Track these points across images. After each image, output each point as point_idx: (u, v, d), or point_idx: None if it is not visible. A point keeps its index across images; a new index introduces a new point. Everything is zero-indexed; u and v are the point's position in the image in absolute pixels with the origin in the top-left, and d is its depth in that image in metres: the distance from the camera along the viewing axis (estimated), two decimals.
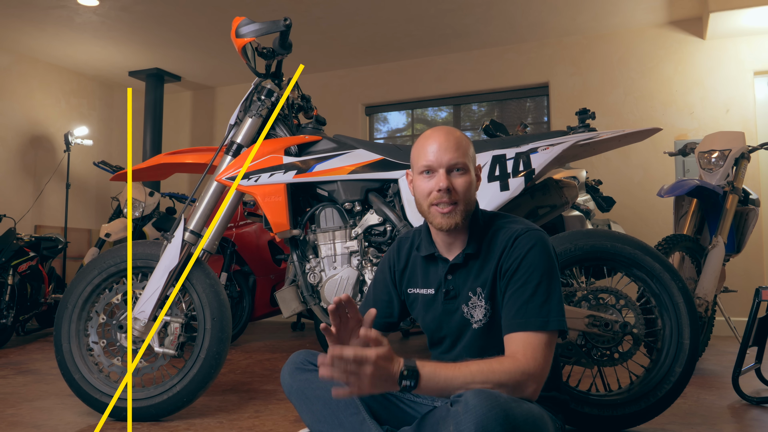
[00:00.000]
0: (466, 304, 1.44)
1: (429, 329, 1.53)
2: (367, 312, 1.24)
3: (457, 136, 1.42)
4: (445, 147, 1.39)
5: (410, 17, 5.02)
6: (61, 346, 2.25)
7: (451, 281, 1.46)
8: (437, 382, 1.20)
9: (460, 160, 1.39)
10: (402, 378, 1.18)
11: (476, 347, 1.43)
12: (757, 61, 4.87)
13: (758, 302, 2.47)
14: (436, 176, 1.40)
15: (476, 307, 1.42)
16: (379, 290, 1.61)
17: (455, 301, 1.45)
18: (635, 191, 5.12)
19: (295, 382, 1.49)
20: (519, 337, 1.30)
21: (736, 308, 4.64)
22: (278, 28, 2.18)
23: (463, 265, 1.45)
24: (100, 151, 6.62)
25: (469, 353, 1.44)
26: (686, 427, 2.04)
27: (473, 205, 1.43)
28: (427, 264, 1.52)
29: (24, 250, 4.23)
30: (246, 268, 4.31)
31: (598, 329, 1.97)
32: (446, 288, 1.46)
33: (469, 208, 1.42)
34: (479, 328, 1.42)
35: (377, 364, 1.14)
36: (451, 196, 1.38)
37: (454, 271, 1.46)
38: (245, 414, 2.24)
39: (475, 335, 1.43)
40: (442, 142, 1.40)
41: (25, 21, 5.05)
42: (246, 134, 2.30)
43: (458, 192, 1.39)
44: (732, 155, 3.31)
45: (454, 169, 1.39)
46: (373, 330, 1.18)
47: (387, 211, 2.17)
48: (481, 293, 1.42)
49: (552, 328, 1.30)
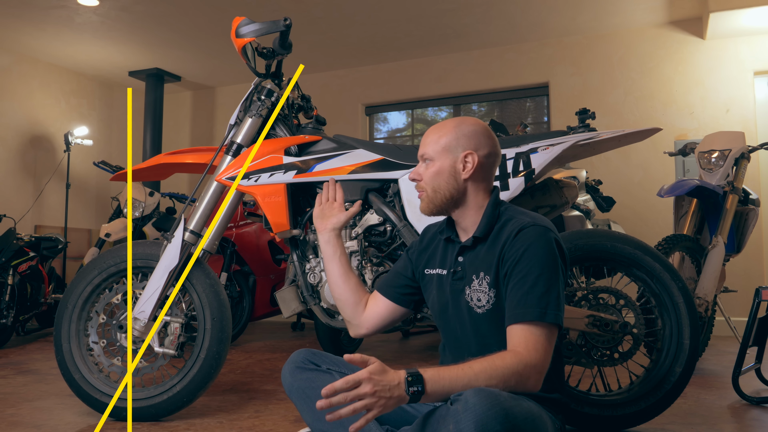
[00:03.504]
0: (469, 286, 1.46)
1: (435, 310, 1.56)
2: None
3: (441, 128, 1.53)
4: (424, 140, 1.54)
5: (410, 17, 5.02)
6: (61, 346, 2.25)
7: (460, 262, 1.50)
8: (443, 385, 1.21)
9: (427, 151, 1.51)
10: (408, 385, 1.18)
11: (480, 333, 1.45)
12: (757, 61, 4.88)
13: (758, 302, 2.47)
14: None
15: (478, 291, 1.44)
16: (400, 265, 1.68)
17: (461, 282, 1.48)
18: (635, 191, 5.12)
19: (296, 381, 1.50)
20: (519, 329, 1.32)
21: (736, 308, 4.65)
22: (278, 28, 2.18)
23: (471, 248, 1.49)
24: (100, 151, 6.62)
25: (474, 339, 1.46)
26: (686, 427, 2.04)
27: (447, 191, 1.49)
28: (447, 246, 1.58)
29: (24, 250, 4.23)
30: (246, 268, 4.31)
31: (598, 329, 1.97)
32: (454, 268, 1.50)
33: (439, 195, 1.50)
34: (483, 314, 1.43)
35: (373, 380, 1.16)
36: (419, 184, 1.53)
37: (463, 252, 1.50)
38: (245, 414, 2.24)
39: (478, 321, 1.44)
40: (424, 136, 1.54)
41: (25, 21, 5.05)
42: (246, 134, 2.30)
43: (423, 181, 1.52)
44: (732, 155, 3.31)
45: (423, 160, 1.53)
46: (355, 354, 1.21)
47: (387, 211, 2.17)
48: (483, 277, 1.44)
49: (549, 321, 1.32)
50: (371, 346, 4.14)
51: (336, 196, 1.76)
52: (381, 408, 1.16)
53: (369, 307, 1.67)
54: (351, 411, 1.14)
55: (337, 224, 1.70)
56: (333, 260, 1.68)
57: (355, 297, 1.66)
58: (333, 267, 1.68)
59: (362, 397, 1.15)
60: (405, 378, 1.19)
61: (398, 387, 1.18)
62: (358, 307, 1.66)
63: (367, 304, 1.67)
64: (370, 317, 1.66)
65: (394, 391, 1.17)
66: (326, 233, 1.71)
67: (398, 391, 1.18)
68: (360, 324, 1.67)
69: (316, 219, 1.74)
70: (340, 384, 1.15)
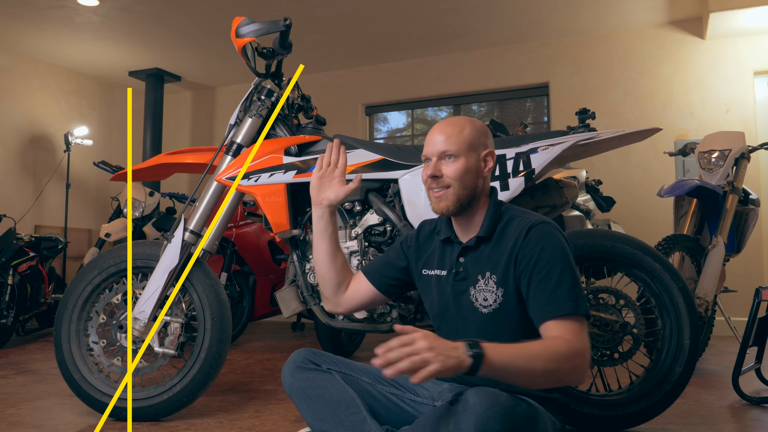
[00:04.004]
0: (473, 286, 1.45)
1: (433, 311, 1.55)
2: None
3: (456, 124, 1.48)
4: (439, 137, 1.47)
5: (410, 17, 5.02)
6: (61, 346, 2.25)
7: (462, 263, 1.49)
8: (502, 357, 1.16)
9: (451, 148, 1.46)
10: (469, 347, 1.13)
11: (483, 334, 1.43)
12: (757, 61, 4.88)
13: (758, 302, 2.47)
14: (430, 164, 1.49)
15: (483, 291, 1.44)
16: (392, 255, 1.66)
17: (464, 283, 1.47)
18: (635, 191, 5.12)
19: (296, 381, 1.50)
20: (556, 324, 1.32)
21: (736, 308, 4.65)
22: (278, 28, 2.18)
23: (474, 248, 1.48)
24: (100, 151, 6.62)
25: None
26: (686, 427, 2.04)
27: (472, 189, 1.47)
28: (444, 246, 1.56)
29: (24, 250, 4.23)
30: (246, 268, 4.31)
31: (598, 329, 1.97)
32: (456, 269, 1.49)
33: (466, 192, 1.46)
34: (488, 314, 1.43)
35: (429, 338, 1.11)
36: (440, 181, 1.46)
37: (466, 253, 1.49)
38: (245, 414, 2.24)
39: (482, 321, 1.44)
40: (439, 134, 1.48)
41: (25, 21, 5.05)
42: (246, 134, 2.30)
43: (449, 177, 1.45)
44: (732, 155, 3.31)
45: (445, 157, 1.47)
46: (407, 326, 1.16)
47: (387, 211, 2.17)
48: (489, 277, 1.43)
49: (582, 312, 1.33)
50: (371, 345, 4.14)
51: (339, 161, 1.64)
52: (440, 364, 1.09)
53: (351, 289, 1.66)
54: (410, 363, 1.08)
55: (335, 200, 1.62)
56: (323, 237, 1.63)
57: (339, 277, 1.64)
58: (322, 244, 1.63)
59: (419, 353, 1.09)
60: (464, 342, 1.14)
61: (457, 349, 1.12)
62: (341, 287, 1.65)
63: (348, 285, 1.66)
64: (351, 299, 1.66)
65: (452, 352, 1.11)
66: (321, 208, 1.63)
67: (457, 352, 1.12)
68: (338, 303, 1.66)
69: (313, 189, 1.63)
70: (394, 342, 1.11)
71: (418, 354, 1.09)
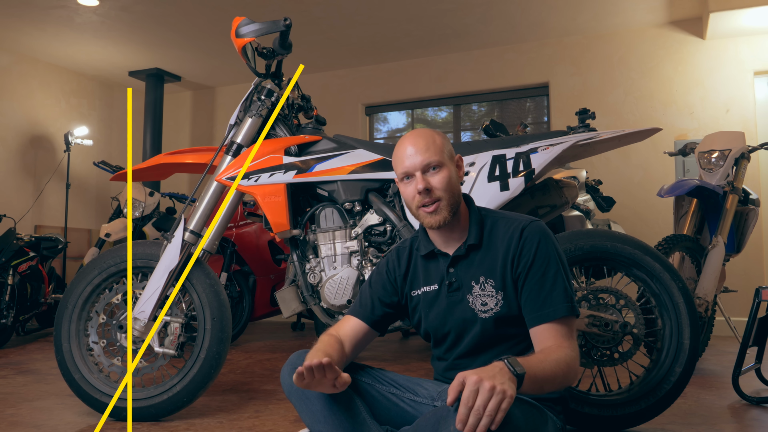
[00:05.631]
0: (470, 293, 1.45)
1: (433, 326, 1.53)
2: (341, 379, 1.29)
3: (426, 135, 1.46)
4: (417, 150, 1.44)
5: (410, 17, 5.02)
6: (61, 346, 2.25)
7: (453, 273, 1.48)
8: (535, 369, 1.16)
9: (433, 159, 1.43)
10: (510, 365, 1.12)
11: (486, 338, 1.44)
12: (757, 61, 4.87)
13: (758, 302, 2.47)
14: (414, 180, 1.45)
15: (481, 296, 1.44)
16: (376, 289, 1.59)
17: (459, 293, 1.47)
18: (635, 191, 5.12)
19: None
20: (552, 327, 1.35)
21: (736, 308, 4.64)
22: (278, 28, 2.18)
23: (464, 257, 1.48)
24: (100, 151, 6.62)
25: (478, 345, 1.45)
26: (686, 427, 2.04)
27: (458, 197, 1.47)
28: (428, 262, 1.54)
29: (24, 250, 4.23)
30: (246, 268, 4.31)
31: (598, 329, 1.97)
32: (449, 280, 1.48)
33: (455, 200, 1.45)
34: (489, 318, 1.43)
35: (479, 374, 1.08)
36: (431, 194, 1.43)
37: (456, 263, 1.48)
38: (245, 414, 2.24)
39: (485, 326, 1.43)
40: (413, 147, 1.45)
41: (25, 21, 5.05)
42: (246, 134, 2.30)
43: (438, 188, 1.43)
44: (732, 155, 3.31)
45: (429, 168, 1.44)
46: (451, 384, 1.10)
47: (387, 211, 2.17)
48: (485, 282, 1.44)
49: (575, 314, 1.37)
50: (371, 347, 4.14)
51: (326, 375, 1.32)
52: (511, 392, 1.06)
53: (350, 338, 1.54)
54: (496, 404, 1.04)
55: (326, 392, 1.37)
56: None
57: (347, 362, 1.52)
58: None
59: (489, 393, 1.05)
60: (502, 363, 1.13)
61: (502, 371, 1.10)
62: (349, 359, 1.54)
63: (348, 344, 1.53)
64: (356, 349, 1.55)
65: (499, 376, 1.08)
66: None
67: (504, 374, 1.10)
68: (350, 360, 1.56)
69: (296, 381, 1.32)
70: (453, 394, 1.06)
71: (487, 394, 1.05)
